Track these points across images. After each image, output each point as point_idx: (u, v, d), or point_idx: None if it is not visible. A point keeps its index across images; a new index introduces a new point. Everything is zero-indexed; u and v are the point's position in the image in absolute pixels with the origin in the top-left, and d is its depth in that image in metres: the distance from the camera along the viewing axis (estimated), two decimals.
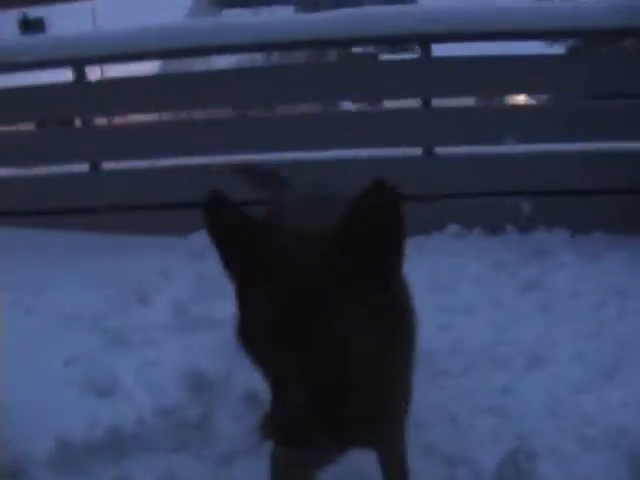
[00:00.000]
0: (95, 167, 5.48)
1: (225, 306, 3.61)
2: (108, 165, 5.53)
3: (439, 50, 5.01)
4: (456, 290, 4.05)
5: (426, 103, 5.11)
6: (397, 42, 4.90)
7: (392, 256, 1.43)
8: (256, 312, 1.43)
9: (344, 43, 5.51)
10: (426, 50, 4.95)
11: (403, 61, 4.98)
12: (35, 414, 2.81)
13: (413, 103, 5.26)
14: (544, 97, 6.49)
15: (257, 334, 1.41)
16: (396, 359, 1.66)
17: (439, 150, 5.15)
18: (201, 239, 4.59)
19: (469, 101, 5.52)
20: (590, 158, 4.89)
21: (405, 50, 7.34)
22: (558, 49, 8.45)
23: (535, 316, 3.70)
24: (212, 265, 4.32)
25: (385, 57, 7.75)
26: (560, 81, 5.01)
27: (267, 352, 1.40)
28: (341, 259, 1.38)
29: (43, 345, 3.45)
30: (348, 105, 5.41)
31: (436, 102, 5.24)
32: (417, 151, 5.18)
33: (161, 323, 3.68)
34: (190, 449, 2.68)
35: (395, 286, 1.52)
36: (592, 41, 7.30)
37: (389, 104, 5.69)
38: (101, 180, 5.49)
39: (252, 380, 2.91)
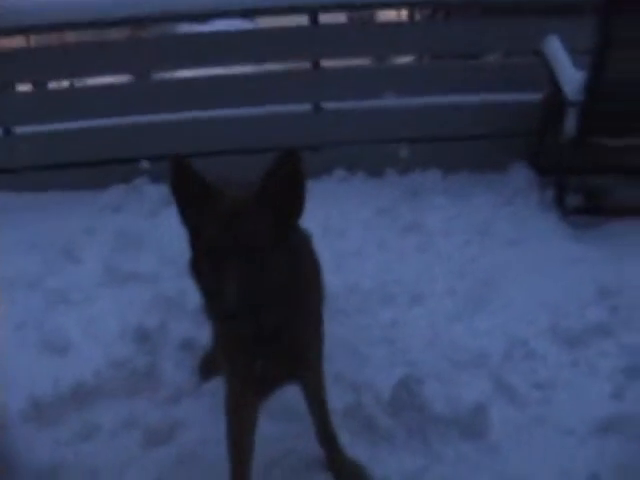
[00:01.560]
0: (8, 131, 5.67)
1: (147, 261, 4.15)
2: (21, 129, 5.71)
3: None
4: (346, 235, 4.52)
5: (315, 65, 5.55)
6: (288, 13, 5.24)
7: (298, 203, 2.03)
8: (202, 247, 2.00)
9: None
10: (314, 19, 5.39)
11: (295, 27, 5.37)
12: (1, 375, 3.16)
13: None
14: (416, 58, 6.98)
15: (203, 263, 1.99)
16: (310, 288, 2.29)
17: (326, 105, 5.60)
18: (115, 194, 5.05)
19: (353, 62, 5.94)
20: (459, 109, 5.45)
21: None
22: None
23: (415, 256, 4.24)
24: (129, 219, 4.80)
25: None
26: (425, 43, 5.61)
27: (210, 273, 1.95)
28: (261, 206, 1.99)
29: None
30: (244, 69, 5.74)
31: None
32: (307, 107, 5.61)
33: (94, 280, 4.09)
34: (142, 394, 3.15)
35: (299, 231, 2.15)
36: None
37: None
38: (15, 142, 5.69)
39: (186, 329, 3.51)
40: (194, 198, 2.04)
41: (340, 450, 2.69)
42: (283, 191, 1.99)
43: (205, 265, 1.99)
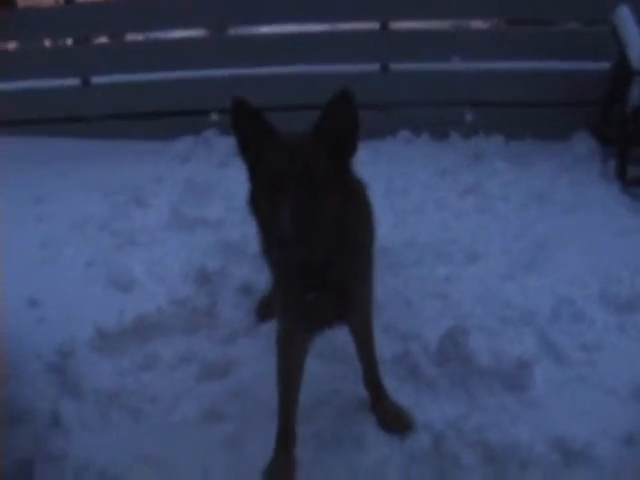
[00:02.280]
0: (86, 81, 5.84)
1: (213, 208, 4.32)
2: (97, 79, 5.87)
3: None
4: (408, 194, 4.59)
5: (384, 26, 5.62)
6: None
7: (351, 144, 2.14)
8: (261, 179, 2.12)
9: None
10: None
11: None
12: (70, 309, 3.43)
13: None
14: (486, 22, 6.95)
15: (262, 192, 2.11)
16: (361, 230, 2.39)
17: (394, 66, 5.65)
18: (185, 145, 5.22)
19: (422, 25, 5.96)
20: (524, 76, 5.44)
21: None
22: None
23: (472, 217, 4.30)
24: (198, 169, 4.99)
25: None
26: (497, 8, 5.61)
27: (269, 208, 2.04)
28: (317, 141, 2.10)
29: (61, 249, 4.03)
30: (316, 27, 5.81)
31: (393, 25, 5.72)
32: (375, 67, 5.67)
33: (160, 225, 4.26)
34: (201, 332, 3.33)
35: (353, 171, 2.24)
36: None
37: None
38: (91, 92, 5.86)
39: (246, 273, 3.65)
40: (253, 134, 2.16)
41: (385, 394, 2.80)
42: (338, 129, 2.09)
43: (263, 197, 2.10)
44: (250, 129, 2.16)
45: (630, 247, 3.85)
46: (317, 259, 2.18)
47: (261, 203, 2.13)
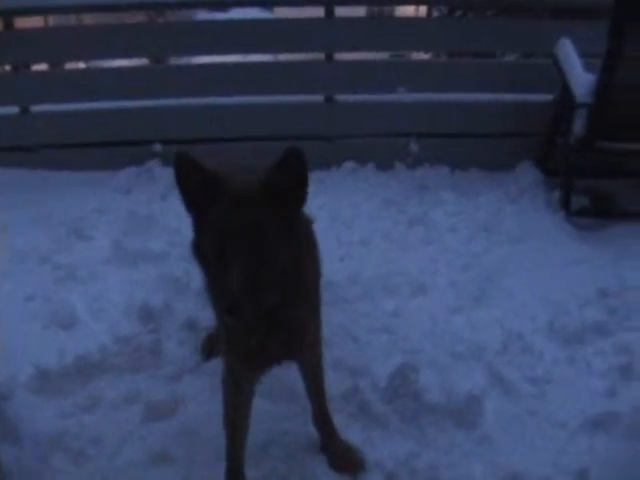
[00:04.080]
0: (25, 110, 5.72)
1: (155, 241, 4.24)
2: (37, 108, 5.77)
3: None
4: (354, 225, 4.59)
5: (329, 57, 5.60)
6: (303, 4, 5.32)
7: (299, 198, 2.12)
8: (207, 232, 2.08)
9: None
10: (330, 12, 5.42)
11: (310, 19, 5.43)
12: (10, 346, 3.29)
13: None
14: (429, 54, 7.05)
15: (208, 244, 2.06)
16: (309, 270, 2.36)
17: (339, 97, 5.65)
18: (128, 176, 5.12)
19: (367, 56, 5.99)
20: (469, 106, 5.51)
21: None
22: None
23: (419, 249, 4.30)
24: (140, 201, 4.89)
25: None
26: (440, 40, 5.66)
27: (214, 257, 2.03)
28: (266, 196, 2.05)
29: (1, 283, 3.91)
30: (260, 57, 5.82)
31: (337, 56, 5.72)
32: (319, 98, 5.66)
33: (102, 258, 4.17)
34: (145, 370, 3.23)
35: (300, 219, 2.22)
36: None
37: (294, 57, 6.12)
38: (30, 121, 5.75)
39: (190, 309, 3.58)
40: (199, 189, 2.11)
41: (335, 433, 2.74)
42: (287, 184, 2.06)
43: (209, 249, 2.06)
44: (195, 184, 2.11)
45: (577, 277, 3.89)
46: (264, 308, 2.13)
47: (207, 253, 2.08)
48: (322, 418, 2.75)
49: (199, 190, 2.11)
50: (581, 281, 3.83)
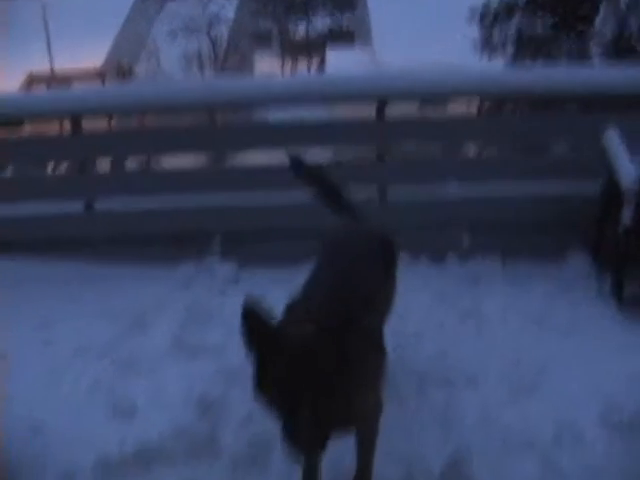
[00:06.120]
0: (89, 206, 5.94)
1: (213, 335, 4.32)
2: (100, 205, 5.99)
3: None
4: (407, 317, 4.53)
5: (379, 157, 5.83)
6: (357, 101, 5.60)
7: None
8: (271, 382, 2.32)
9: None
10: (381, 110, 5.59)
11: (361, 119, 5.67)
12: (72, 435, 3.44)
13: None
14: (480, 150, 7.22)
15: (271, 391, 2.32)
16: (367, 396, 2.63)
17: (391, 191, 5.81)
18: (186, 270, 5.26)
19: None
20: (520, 199, 5.56)
21: None
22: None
23: (471, 341, 4.34)
24: (199, 295, 4.99)
25: None
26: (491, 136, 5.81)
27: (278, 404, 2.28)
28: (324, 343, 2.30)
29: (64, 374, 4.06)
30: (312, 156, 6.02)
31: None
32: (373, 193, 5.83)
33: (162, 352, 4.28)
34: (204, 460, 3.33)
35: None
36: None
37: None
38: (95, 217, 6.00)
39: (248, 401, 3.61)
40: (261, 340, 2.37)
41: None
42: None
43: (273, 395, 2.32)
44: (259, 335, 2.38)
45: (629, 367, 3.86)
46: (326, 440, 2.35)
47: (268, 394, 2.36)
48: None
49: (261, 343, 2.38)
50: (633, 371, 3.82)
